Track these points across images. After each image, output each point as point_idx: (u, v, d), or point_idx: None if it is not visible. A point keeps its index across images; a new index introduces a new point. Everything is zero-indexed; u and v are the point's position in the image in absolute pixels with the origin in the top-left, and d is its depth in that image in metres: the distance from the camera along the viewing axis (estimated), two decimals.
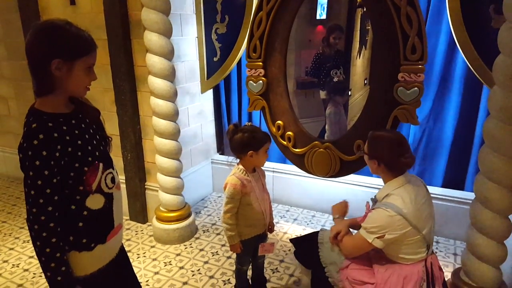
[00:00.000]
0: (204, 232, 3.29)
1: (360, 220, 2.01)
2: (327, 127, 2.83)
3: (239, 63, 3.50)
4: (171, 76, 2.81)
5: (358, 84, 2.72)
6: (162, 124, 2.87)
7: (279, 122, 2.72)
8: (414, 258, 1.85)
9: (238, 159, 2.15)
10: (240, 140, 2.06)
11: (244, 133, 2.06)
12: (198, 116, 3.63)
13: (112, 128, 3.19)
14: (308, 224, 3.39)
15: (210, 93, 3.72)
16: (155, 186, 3.25)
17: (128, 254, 1.76)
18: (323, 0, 2.69)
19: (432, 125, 3.11)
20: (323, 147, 2.59)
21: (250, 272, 2.42)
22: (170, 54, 2.77)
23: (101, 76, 1.41)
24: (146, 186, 3.39)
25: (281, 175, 3.65)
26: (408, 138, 3.21)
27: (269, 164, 3.58)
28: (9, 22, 3.82)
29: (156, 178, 3.11)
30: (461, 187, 3.10)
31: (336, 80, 2.73)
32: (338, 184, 3.29)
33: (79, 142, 1.34)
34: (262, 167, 2.27)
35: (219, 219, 3.46)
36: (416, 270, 1.84)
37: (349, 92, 2.74)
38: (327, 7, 2.70)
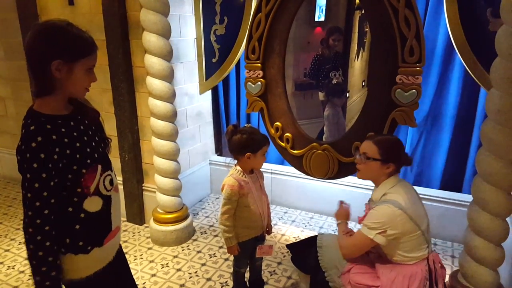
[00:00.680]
0: (201, 234, 3.28)
1: (360, 220, 2.01)
2: (325, 128, 2.83)
3: (238, 65, 3.50)
4: (169, 77, 2.81)
5: (356, 86, 2.72)
6: (160, 125, 2.87)
7: (278, 123, 2.72)
8: (416, 256, 1.86)
9: (236, 160, 2.15)
10: (239, 141, 2.05)
11: (243, 134, 2.06)
12: (197, 117, 3.63)
13: (110, 129, 3.17)
14: (306, 226, 3.39)
15: (208, 94, 3.72)
16: (153, 187, 3.24)
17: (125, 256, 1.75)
18: (321, 2, 2.70)
19: (429, 127, 3.12)
20: (321, 149, 2.59)
21: (247, 275, 2.42)
22: (168, 55, 2.77)
23: (99, 76, 1.40)
24: (143, 187, 3.38)
25: (279, 176, 3.64)
26: (405, 140, 3.22)
27: (267, 166, 3.58)
28: (6, 21, 3.80)
29: (153, 179, 3.11)
30: (458, 189, 3.10)
31: (335, 82, 2.74)
32: (336, 186, 3.29)
33: (77, 144, 1.33)
34: (260, 169, 2.27)
35: (217, 221, 3.45)
36: (420, 269, 1.85)
37: (347, 94, 2.74)
38: (326, 9, 2.71)
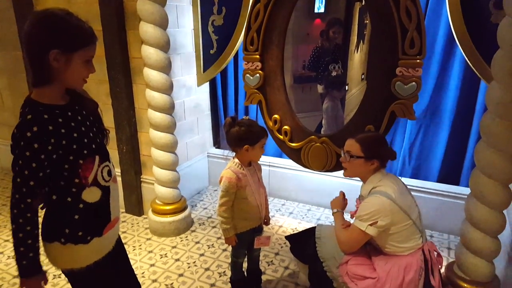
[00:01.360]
0: (200, 225, 3.29)
1: (352, 214, 2.03)
2: (324, 121, 2.82)
3: (236, 56, 3.48)
4: (167, 68, 2.79)
5: (355, 79, 2.71)
6: (158, 117, 2.85)
7: (276, 116, 2.71)
8: (410, 246, 1.89)
9: (234, 153, 2.14)
10: (237, 133, 2.05)
11: (241, 127, 2.05)
12: (194, 110, 3.61)
13: (107, 120, 3.14)
14: (303, 218, 3.40)
15: (206, 86, 3.70)
16: (151, 179, 3.23)
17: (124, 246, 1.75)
18: None
19: (428, 120, 3.12)
20: (319, 142, 2.58)
21: (245, 265, 2.43)
22: (166, 46, 2.74)
23: (96, 67, 1.39)
24: (141, 179, 3.37)
25: (277, 169, 3.64)
26: (404, 132, 3.22)
27: (265, 158, 3.58)
28: (1, 11, 3.75)
29: (151, 171, 3.10)
30: (456, 182, 3.12)
31: (334, 74, 2.73)
32: (334, 179, 3.30)
33: (74, 135, 1.33)
34: (259, 161, 2.26)
35: (215, 212, 3.46)
36: (415, 259, 1.88)
37: (346, 87, 2.73)
38: (326, 0, 2.68)
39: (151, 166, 3.10)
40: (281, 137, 2.73)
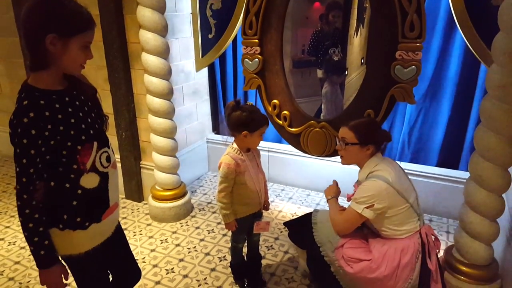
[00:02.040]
0: (200, 211, 3.30)
1: (349, 197, 2.05)
2: (323, 106, 2.80)
3: (235, 41, 3.44)
4: (165, 53, 2.76)
5: (354, 63, 2.68)
6: (157, 102, 2.84)
7: (275, 101, 2.70)
8: (407, 229, 1.91)
9: (233, 137, 2.13)
10: (237, 118, 2.03)
11: (243, 112, 2.02)
12: (193, 95, 3.59)
13: (106, 106, 3.08)
14: (303, 203, 3.41)
15: (205, 71, 3.66)
16: (151, 165, 3.24)
17: (124, 232, 1.76)
18: None
19: (428, 104, 3.10)
20: (319, 127, 2.58)
21: (245, 249, 2.45)
22: (164, 30, 2.71)
23: (93, 53, 1.38)
24: (141, 165, 3.38)
25: (276, 154, 3.64)
26: (404, 117, 3.21)
27: (264, 144, 3.58)
28: None
29: (151, 157, 3.10)
30: (455, 166, 3.12)
31: (334, 58, 2.70)
32: (333, 164, 3.29)
33: (72, 121, 1.32)
34: (258, 147, 2.26)
35: (214, 198, 3.47)
36: (412, 242, 1.89)
37: (346, 71, 2.70)
38: None
39: (151, 152, 3.10)
40: (280, 122, 2.72)
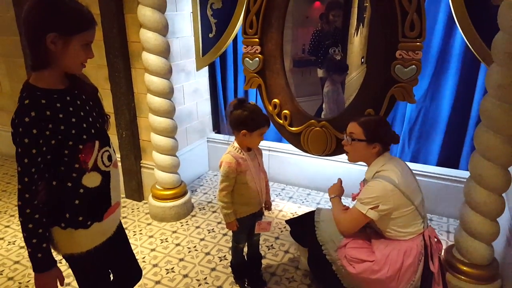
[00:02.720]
0: (200, 210, 3.31)
1: (354, 196, 2.03)
2: (324, 105, 2.81)
3: (235, 40, 3.44)
4: (165, 52, 2.76)
5: (355, 62, 2.68)
6: (157, 101, 2.84)
7: (276, 100, 2.70)
8: (411, 231, 1.89)
9: (234, 136, 2.13)
10: (238, 116, 2.03)
11: (244, 111, 2.02)
12: (194, 94, 3.60)
13: (106, 105, 3.08)
14: (303, 202, 3.41)
15: (205, 70, 3.67)
16: (151, 164, 3.24)
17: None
18: None
19: (428, 103, 3.10)
20: (319, 126, 2.58)
21: (246, 249, 2.45)
22: (164, 30, 2.71)
23: (94, 52, 1.38)
24: (141, 164, 3.38)
25: (277, 153, 3.65)
26: (404, 116, 3.21)
27: (265, 143, 3.58)
28: None
29: (151, 156, 3.10)
30: (455, 165, 3.12)
31: (335, 58, 2.70)
32: (333, 163, 3.30)
33: (73, 120, 1.32)
34: (259, 146, 2.25)
35: (215, 197, 3.47)
36: (415, 244, 1.88)
37: (347, 70, 2.71)
38: None
39: (151, 151, 3.10)
40: (280, 121, 2.72)
